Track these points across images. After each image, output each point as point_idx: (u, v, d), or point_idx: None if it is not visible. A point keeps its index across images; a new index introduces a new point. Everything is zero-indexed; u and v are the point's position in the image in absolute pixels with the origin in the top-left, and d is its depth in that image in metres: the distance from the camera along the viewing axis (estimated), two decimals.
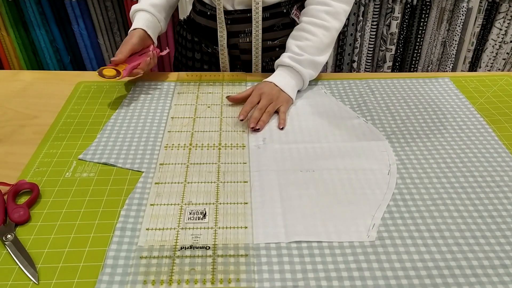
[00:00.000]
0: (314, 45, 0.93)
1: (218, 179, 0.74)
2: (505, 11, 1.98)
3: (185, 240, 0.63)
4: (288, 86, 0.92)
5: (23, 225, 0.65)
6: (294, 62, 0.92)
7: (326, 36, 0.94)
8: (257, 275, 0.58)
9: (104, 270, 0.58)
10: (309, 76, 0.94)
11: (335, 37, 0.97)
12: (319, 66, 0.96)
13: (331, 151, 0.80)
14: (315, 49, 0.93)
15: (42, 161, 0.77)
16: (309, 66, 0.93)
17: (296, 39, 0.95)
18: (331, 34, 0.95)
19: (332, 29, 0.94)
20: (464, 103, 0.94)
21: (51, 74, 1.05)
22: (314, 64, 0.94)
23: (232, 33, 1.02)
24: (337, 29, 0.95)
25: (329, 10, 0.93)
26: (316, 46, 0.93)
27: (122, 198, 0.69)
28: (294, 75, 0.93)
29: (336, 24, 0.94)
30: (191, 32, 1.09)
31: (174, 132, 0.84)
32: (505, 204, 0.69)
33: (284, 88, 0.91)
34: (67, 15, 1.94)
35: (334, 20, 0.94)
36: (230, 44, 1.03)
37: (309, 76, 0.94)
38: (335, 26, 0.94)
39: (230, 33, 1.02)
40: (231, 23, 1.00)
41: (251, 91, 0.91)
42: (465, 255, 0.61)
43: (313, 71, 0.95)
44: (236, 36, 1.02)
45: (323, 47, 0.95)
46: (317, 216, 0.67)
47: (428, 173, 0.75)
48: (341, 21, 0.95)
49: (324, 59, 0.96)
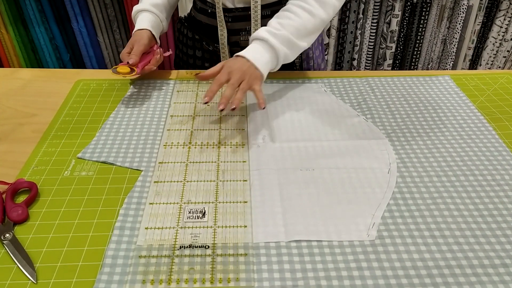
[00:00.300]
0: (295, 25, 0.87)
1: (218, 178, 0.73)
2: (505, 9, 1.97)
3: (184, 239, 0.62)
4: (260, 61, 0.84)
5: (22, 224, 0.65)
6: (270, 35, 0.85)
7: (310, 21, 0.88)
8: (256, 274, 0.58)
9: (102, 269, 0.58)
10: (283, 54, 0.87)
11: (319, 28, 0.91)
12: (296, 48, 0.89)
13: (331, 149, 0.80)
14: (295, 29, 0.87)
15: (41, 160, 0.76)
16: (285, 44, 0.86)
17: (278, 17, 0.89)
18: (315, 21, 0.89)
19: (317, 16, 0.88)
20: (465, 101, 0.93)
21: (50, 72, 1.05)
22: (291, 44, 0.87)
23: (233, 31, 1.01)
24: (322, 19, 0.90)
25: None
26: (297, 27, 0.87)
27: (121, 197, 0.69)
28: (268, 50, 0.86)
29: (322, 14, 0.89)
30: (192, 29, 1.09)
31: (173, 131, 0.84)
32: (506, 203, 0.69)
33: (256, 62, 0.83)
34: (67, 13, 1.94)
35: (321, 8, 0.88)
36: (231, 42, 1.03)
37: (284, 54, 0.87)
38: (321, 15, 0.89)
39: (231, 30, 1.01)
40: (232, 21, 1.00)
41: (220, 67, 0.84)
42: (466, 254, 0.61)
43: (289, 51, 0.88)
44: (237, 34, 1.02)
45: (304, 31, 0.88)
46: (317, 215, 0.66)
47: (428, 172, 0.75)
48: (328, 13, 0.90)
49: (303, 45, 0.89)
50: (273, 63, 0.87)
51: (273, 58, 0.86)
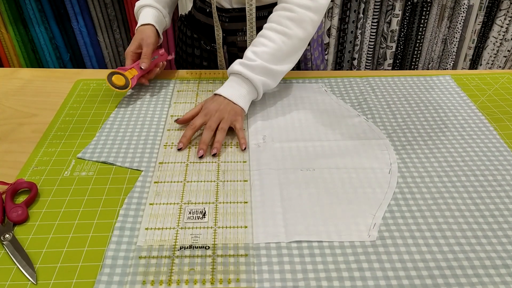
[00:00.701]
0: (270, 51, 0.84)
1: (218, 178, 0.73)
2: (506, 8, 1.97)
3: (184, 240, 0.62)
4: (237, 95, 0.83)
5: (21, 225, 0.64)
6: (244, 68, 0.84)
7: (286, 43, 0.85)
8: (257, 275, 0.58)
9: (102, 270, 0.58)
10: (261, 83, 0.85)
11: (299, 47, 0.88)
12: (276, 75, 0.87)
13: (331, 149, 0.79)
14: (271, 56, 0.84)
15: (41, 160, 0.76)
16: (261, 73, 0.84)
17: (253, 45, 0.87)
18: (292, 42, 0.86)
19: (294, 37, 0.85)
20: (466, 101, 0.93)
21: (50, 72, 1.05)
22: (268, 72, 0.85)
23: (230, 31, 1.01)
24: (300, 38, 0.86)
25: (292, 16, 0.85)
26: (273, 53, 0.84)
27: (121, 197, 0.69)
28: (244, 83, 0.84)
29: (299, 33, 0.86)
30: (191, 28, 1.09)
31: (174, 131, 0.84)
32: (507, 204, 0.69)
33: (233, 98, 0.83)
34: (67, 12, 1.94)
35: (297, 28, 0.85)
36: (228, 42, 1.03)
37: (262, 83, 0.85)
38: (298, 34, 0.86)
39: (228, 31, 1.01)
40: (229, 21, 1.00)
41: (199, 109, 0.84)
42: (467, 255, 0.61)
43: (268, 79, 0.86)
44: (234, 34, 1.02)
45: (281, 55, 0.86)
46: (317, 216, 0.66)
47: (429, 172, 0.75)
48: (306, 30, 0.86)
49: (282, 69, 0.87)
50: (252, 94, 0.86)
51: (251, 90, 0.85)
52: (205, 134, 0.79)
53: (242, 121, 0.83)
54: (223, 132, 0.80)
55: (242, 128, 0.82)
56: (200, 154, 0.77)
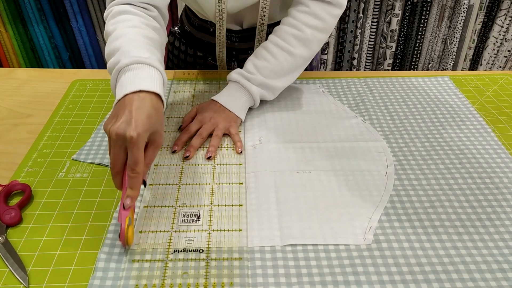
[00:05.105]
0: (271, 67, 0.84)
1: (213, 181, 0.72)
2: (506, 8, 1.96)
3: (178, 243, 0.62)
4: (234, 103, 0.83)
5: (14, 227, 0.64)
6: (243, 78, 0.84)
7: (289, 61, 0.84)
8: (251, 279, 0.57)
9: (95, 273, 0.57)
10: (259, 94, 0.85)
11: (302, 65, 0.87)
12: (274, 90, 0.87)
13: (328, 151, 0.79)
14: (271, 72, 0.84)
15: (35, 161, 0.76)
16: (260, 86, 0.85)
17: (255, 57, 0.85)
18: (295, 61, 0.85)
19: (298, 56, 0.84)
20: (464, 102, 0.93)
21: (46, 72, 1.04)
22: (267, 86, 0.85)
23: (241, 50, 1.00)
24: (304, 57, 0.85)
25: (299, 35, 0.83)
26: (273, 69, 0.84)
27: (115, 199, 0.69)
28: (242, 91, 0.84)
29: (304, 52, 0.84)
30: (192, 47, 1.05)
31: (169, 133, 0.83)
32: (504, 207, 0.68)
33: (228, 105, 0.83)
34: (66, 12, 1.93)
35: (302, 47, 0.84)
36: (240, 59, 1.02)
37: (260, 94, 0.85)
38: (302, 54, 0.84)
39: (239, 50, 1.00)
40: (240, 41, 0.99)
41: (194, 112, 0.84)
42: (463, 259, 0.60)
43: (266, 92, 0.86)
44: (245, 53, 1.00)
45: (282, 72, 0.85)
46: (313, 218, 0.66)
47: (426, 174, 0.74)
48: (311, 49, 0.85)
49: (282, 84, 0.87)
50: (250, 102, 0.86)
51: (248, 98, 0.85)
52: (194, 141, 0.78)
53: (237, 127, 0.83)
54: (218, 139, 0.80)
55: (237, 133, 0.81)
56: (186, 154, 0.76)
